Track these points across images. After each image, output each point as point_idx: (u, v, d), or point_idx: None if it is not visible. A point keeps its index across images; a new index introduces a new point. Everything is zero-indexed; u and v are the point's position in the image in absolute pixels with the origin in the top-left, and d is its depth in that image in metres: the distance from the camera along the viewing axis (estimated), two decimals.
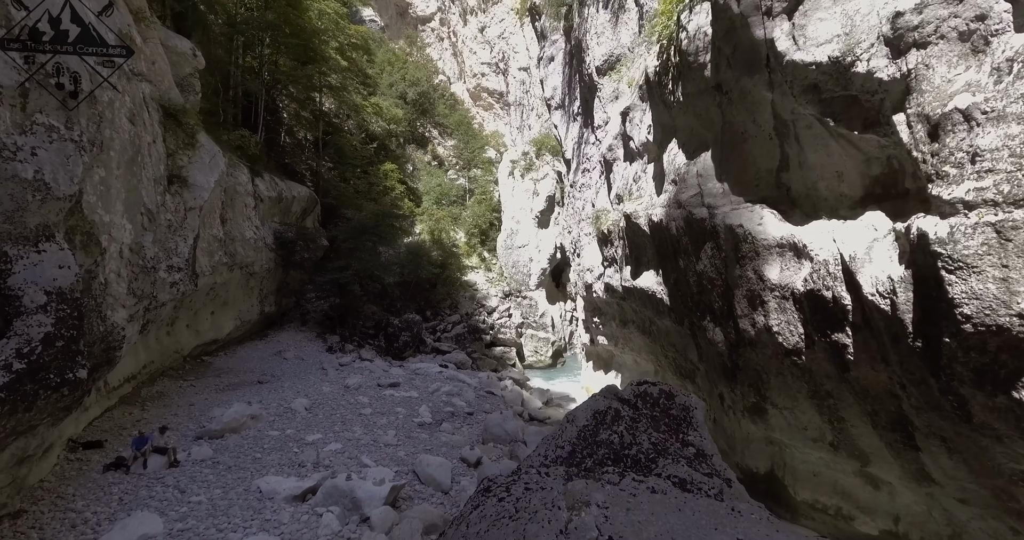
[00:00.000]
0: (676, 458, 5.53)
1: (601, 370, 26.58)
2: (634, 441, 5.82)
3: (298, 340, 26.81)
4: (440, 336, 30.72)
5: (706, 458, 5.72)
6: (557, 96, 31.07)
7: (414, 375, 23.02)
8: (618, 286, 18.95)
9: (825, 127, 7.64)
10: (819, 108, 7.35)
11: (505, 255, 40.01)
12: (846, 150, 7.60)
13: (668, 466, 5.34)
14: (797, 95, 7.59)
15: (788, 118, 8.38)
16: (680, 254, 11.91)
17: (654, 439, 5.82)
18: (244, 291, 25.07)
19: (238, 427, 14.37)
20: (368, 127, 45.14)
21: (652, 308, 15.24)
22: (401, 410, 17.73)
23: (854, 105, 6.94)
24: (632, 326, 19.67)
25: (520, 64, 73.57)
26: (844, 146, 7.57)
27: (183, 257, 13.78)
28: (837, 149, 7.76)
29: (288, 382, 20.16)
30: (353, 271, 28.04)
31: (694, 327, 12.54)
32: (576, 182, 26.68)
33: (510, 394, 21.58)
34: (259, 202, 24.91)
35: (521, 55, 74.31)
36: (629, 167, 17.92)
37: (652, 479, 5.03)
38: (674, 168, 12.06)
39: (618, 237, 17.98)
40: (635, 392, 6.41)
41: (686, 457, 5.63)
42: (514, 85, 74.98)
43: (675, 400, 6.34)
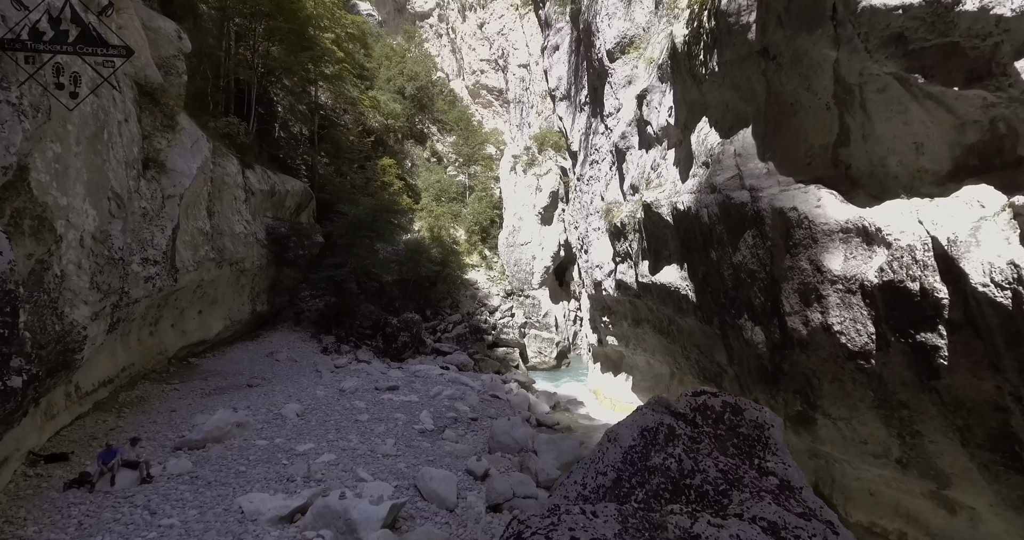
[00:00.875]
0: (756, 492, 4.32)
1: (610, 372, 25.36)
2: (696, 467, 4.62)
3: (291, 341, 25.53)
4: (440, 336, 29.48)
5: (794, 492, 4.49)
6: (562, 86, 29.86)
7: (414, 378, 21.77)
8: (632, 283, 17.74)
9: (907, 88, 6.46)
10: (903, 63, 6.16)
11: (507, 253, 38.77)
12: (933, 115, 6.42)
13: (748, 503, 4.14)
14: (873, 50, 6.40)
15: (854, 82, 7.18)
16: (712, 245, 10.69)
17: (722, 465, 4.61)
18: (234, 289, 23.79)
19: (222, 436, 13.09)
20: (366, 122, 43.87)
21: (673, 306, 14.02)
22: (400, 416, 16.47)
23: (954, 56, 5.75)
24: (647, 325, 18.46)
25: (520, 61, 72.59)
26: (931, 110, 6.39)
27: (160, 249, 12.52)
28: (919, 115, 6.57)
29: (279, 386, 18.89)
30: (350, 269, 26.78)
31: (725, 326, 11.32)
32: (583, 175, 25.47)
33: (516, 398, 20.35)
34: (250, 195, 23.63)
35: (521, 51, 73.31)
36: (646, 155, 16.71)
37: (733, 523, 3.84)
38: (705, 149, 10.85)
39: (633, 230, 16.76)
40: (691, 404, 5.18)
41: (768, 490, 4.41)
42: (514, 82, 74.04)
43: (744, 415, 5.12)
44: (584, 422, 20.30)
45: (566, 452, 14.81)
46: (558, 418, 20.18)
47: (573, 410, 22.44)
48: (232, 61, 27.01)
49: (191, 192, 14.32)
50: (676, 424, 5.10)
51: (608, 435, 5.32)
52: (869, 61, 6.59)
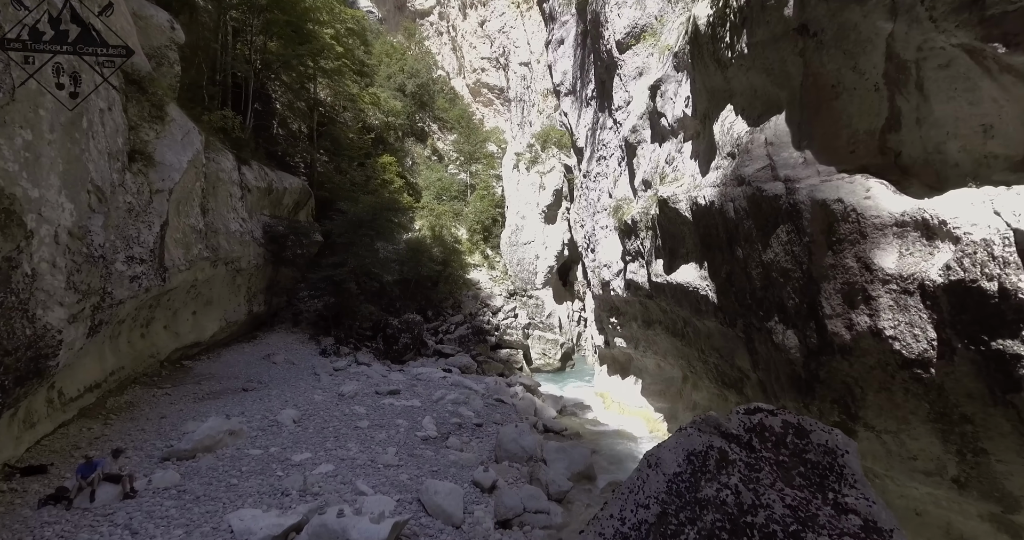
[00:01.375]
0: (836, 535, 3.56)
1: (617, 375, 24.61)
2: (758, 501, 3.85)
3: (289, 342, 24.79)
4: (442, 338, 28.72)
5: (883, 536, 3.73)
6: (567, 81, 29.09)
7: (415, 381, 21.02)
8: (644, 282, 16.98)
9: (978, 62, 5.71)
10: (977, 32, 5.42)
11: (509, 252, 38.03)
12: (1010, 92, 5.67)
13: None
14: (940, 18, 5.66)
15: (910, 58, 6.43)
16: (738, 242, 9.94)
17: (789, 499, 3.85)
18: (230, 289, 23.05)
19: (213, 445, 12.33)
20: (365, 119, 43.12)
21: (690, 307, 13.26)
22: (402, 422, 15.72)
23: None
24: (658, 327, 17.70)
25: (521, 59, 71.99)
26: (1008, 86, 5.64)
27: (147, 247, 11.77)
28: (991, 93, 5.83)
29: (276, 390, 18.14)
30: (349, 268, 26.03)
31: (751, 329, 10.57)
32: (590, 171, 24.71)
33: (521, 402, 19.59)
34: (246, 192, 22.89)
35: (522, 49, 72.66)
36: (659, 149, 15.95)
37: None
38: (730, 139, 10.09)
39: (646, 228, 16.01)
40: (745, 424, 4.38)
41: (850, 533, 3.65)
42: (515, 80, 73.43)
43: (810, 438, 4.32)
44: (592, 427, 19.54)
45: (577, 461, 14.07)
46: (565, 423, 19.42)
47: (580, 414, 21.68)
48: (229, 56, 26.26)
49: (181, 187, 13.56)
50: (728, 447, 4.33)
51: (648, 459, 4.56)
52: (933, 32, 5.84)
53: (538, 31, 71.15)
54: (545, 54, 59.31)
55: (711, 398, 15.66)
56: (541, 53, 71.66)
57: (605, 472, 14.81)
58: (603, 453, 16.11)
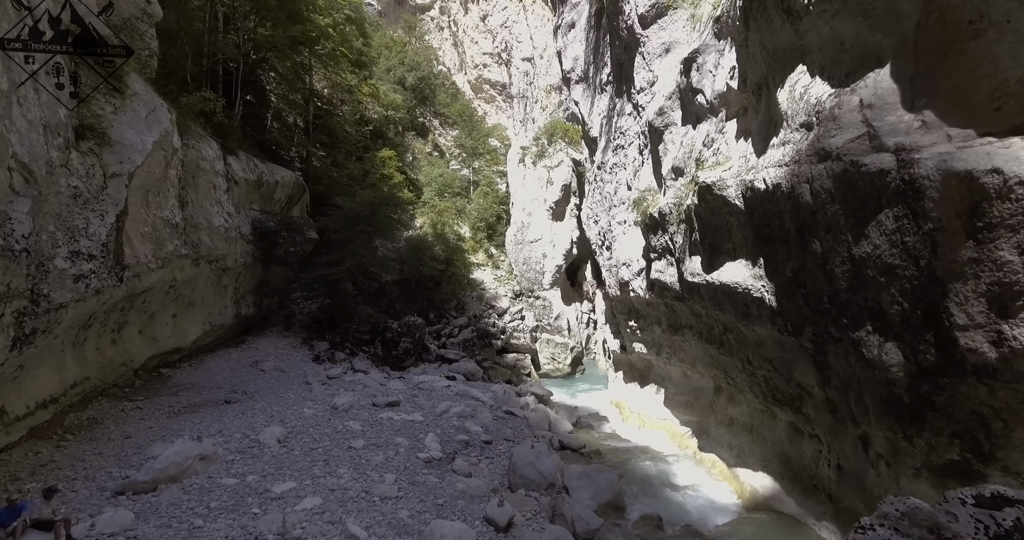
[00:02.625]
0: None
1: (635, 382, 22.74)
2: None
3: (280, 348, 22.92)
4: (445, 342, 26.86)
5: None
6: (579, 68, 27.22)
7: (417, 390, 19.15)
8: (673, 282, 15.12)
9: None
10: None
11: (515, 251, 36.19)
12: None
13: None
14: None
15: None
16: (814, 232, 8.07)
17: None
18: (215, 290, 21.19)
19: (179, 474, 10.46)
20: (364, 112, 41.23)
21: (736, 311, 11.38)
22: (402, 441, 13.86)
23: None
24: (688, 332, 15.84)
25: (523, 54, 70.73)
26: None
27: (98, 240, 9.90)
28: None
29: (262, 402, 16.28)
30: (345, 267, 24.14)
31: (824, 339, 8.70)
32: (605, 162, 22.84)
33: (534, 415, 17.71)
34: (233, 184, 21.03)
35: (524, 45, 71.28)
36: (692, 131, 14.09)
37: None
38: (805, 106, 8.22)
39: (677, 221, 14.15)
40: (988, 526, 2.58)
41: None
42: (517, 76, 72.13)
43: None
44: (612, 443, 17.66)
45: (604, 489, 12.21)
46: (583, 438, 17.55)
47: (597, 427, 19.81)
48: (217, 39, 24.37)
49: (147, 172, 11.68)
50: None
51: None
52: None
53: (541, 25, 69.57)
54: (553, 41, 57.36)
55: (753, 414, 13.79)
56: (544, 48, 70.16)
57: (635, 500, 12.94)
58: (630, 476, 14.23)
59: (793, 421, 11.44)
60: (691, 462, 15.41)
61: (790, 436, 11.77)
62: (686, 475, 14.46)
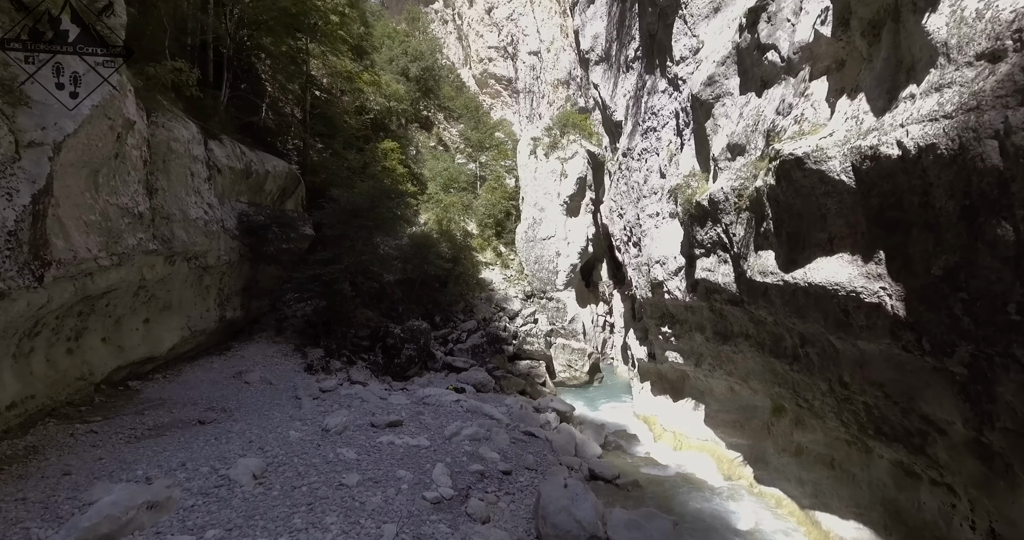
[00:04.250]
0: None
1: (665, 395, 20.28)
2: None
3: (269, 355, 20.54)
4: (452, 348, 24.46)
5: None
6: (599, 46, 24.78)
7: (422, 406, 16.75)
8: (728, 282, 12.68)
9: None
10: None
11: (526, 249, 33.76)
12: None
13: None
14: None
15: None
16: (1000, 212, 5.64)
17: None
18: (195, 291, 18.85)
19: (116, 531, 8.07)
20: (365, 102, 38.89)
21: (828, 318, 8.93)
22: (405, 474, 11.46)
23: None
24: (744, 343, 13.39)
25: (530, 48, 68.86)
26: None
27: (4, 227, 7.55)
28: None
29: (241, 422, 13.93)
30: (343, 266, 21.77)
31: (992, 364, 6.27)
32: (632, 149, 20.40)
33: (558, 437, 15.28)
34: (215, 172, 18.69)
35: (531, 38, 69.36)
36: (757, 100, 11.66)
37: None
38: (984, 28, 5.81)
39: (735, 209, 11.72)
40: None
41: None
42: (524, 71, 70.25)
43: None
44: (650, 471, 15.21)
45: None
46: (616, 464, 15.12)
47: (627, 448, 17.35)
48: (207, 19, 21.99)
49: (85, 145, 9.31)
50: None
51: None
52: None
53: (548, 18, 67.39)
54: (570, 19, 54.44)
55: (833, 445, 11.31)
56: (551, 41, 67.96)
57: None
58: (682, 517, 11.77)
59: (904, 461, 8.98)
60: (750, 497, 12.96)
61: (898, 480, 9.31)
62: (748, 516, 12.01)
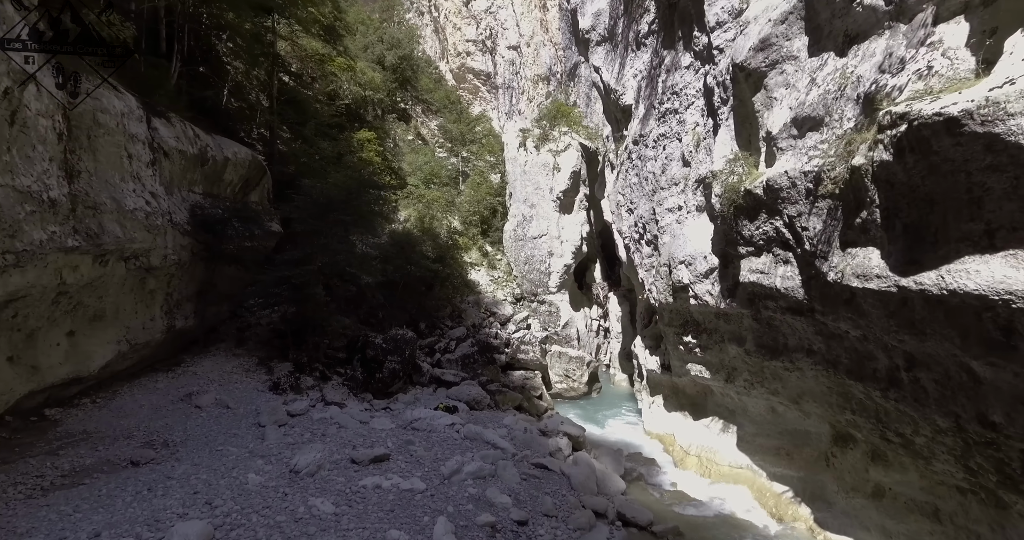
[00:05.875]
0: None
1: (682, 412, 18.09)
2: None
3: (228, 371, 17.52)
4: (440, 359, 21.82)
5: None
6: (601, 24, 22.51)
7: (411, 433, 14.13)
8: (791, 287, 10.47)
9: None
10: None
11: (515, 248, 31.32)
12: None
13: None
14: None
15: None
16: None
17: None
18: (136, 296, 15.74)
19: None
20: (339, 88, 35.81)
21: (971, 338, 6.78)
22: (399, 535, 8.88)
23: None
24: (804, 359, 11.20)
25: (509, 42, 67.02)
26: None
27: None
28: None
29: (186, 463, 11.10)
30: (316, 267, 18.90)
31: None
32: (646, 135, 18.15)
33: (576, 471, 12.82)
34: (161, 156, 15.65)
35: (511, 32, 67.45)
36: (838, 59, 9.48)
37: None
38: None
39: (807, 197, 9.53)
40: None
41: None
42: (503, 66, 68.26)
43: None
44: (687, 512, 12.89)
45: None
46: (646, 503, 12.77)
47: (650, 478, 15.02)
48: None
49: None
50: None
51: None
52: None
53: (528, 11, 65.30)
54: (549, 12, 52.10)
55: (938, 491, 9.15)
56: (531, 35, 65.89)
57: None
58: None
59: None
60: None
61: None
62: None
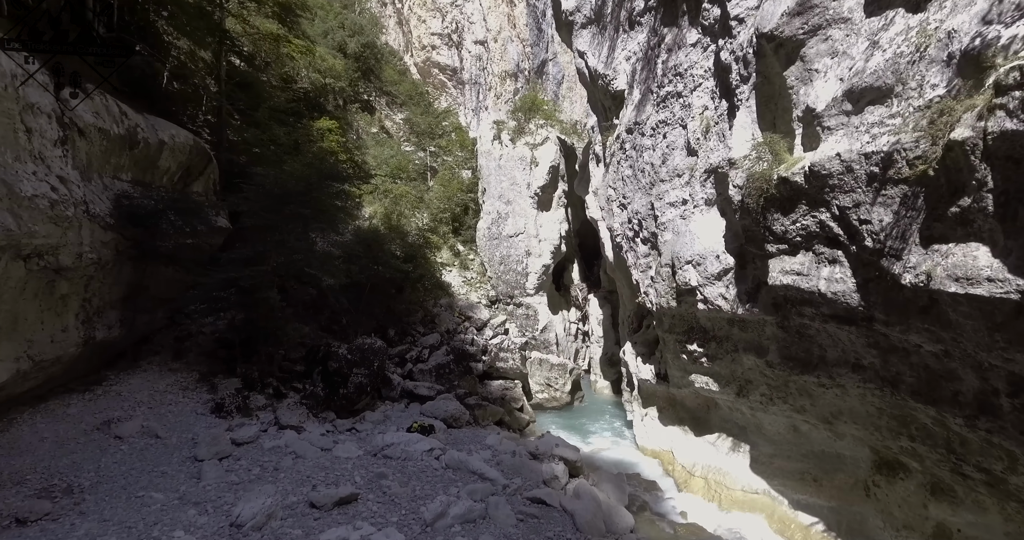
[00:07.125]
0: None
1: (681, 426, 16.51)
2: None
3: (160, 391, 14.80)
4: (412, 369, 19.59)
5: None
6: (587, 5, 20.80)
7: (383, 463, 11.93)
8: (842, 291, 8.92)
9: None
10: None
11: (489, 248, 29.34)
12: None
13: None
14: None
15: None
16: None
17: None
18: (42, 304, 12.91)
19: None
20: (297, 73, 32.95)
21: None
22: None
23: None
24: (850, 375, 9.67)
25: (476, 37, 65.22)
26: None
27: None
28: None
29: (92, 518, 8.63)
30: (270, 267, 16.41)
31: None
32: (643, 122, 16.50)
33: (578, 505, 10.91)
34: (74, 134, 12.88)
35: (477, 26, 65.58)
36: (908, 16, 8.01)
37: None
38: None
39: (871, 183, 7.96)
40: None
41: None
42: (469, 61, 66.50)
43: None
44: None
45: None
46: (654, 536, 11.02)
47: (656, 506, 13.29)
48: None
49: None
50: None
51: None
52: None
53: (495, 6, 63.46)
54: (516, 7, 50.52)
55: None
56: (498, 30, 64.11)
57: None
58: None
59: None
60: None
61: None
62: None
